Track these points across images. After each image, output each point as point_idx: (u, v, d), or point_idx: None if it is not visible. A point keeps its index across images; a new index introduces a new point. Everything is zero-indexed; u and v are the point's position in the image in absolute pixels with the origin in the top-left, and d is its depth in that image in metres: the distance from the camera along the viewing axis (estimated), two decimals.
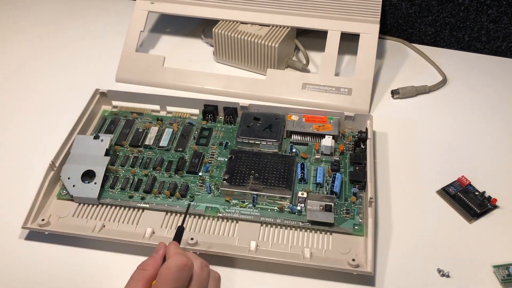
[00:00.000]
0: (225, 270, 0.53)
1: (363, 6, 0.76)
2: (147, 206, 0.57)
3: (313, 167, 0.61)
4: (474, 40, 0.84)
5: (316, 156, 0.63)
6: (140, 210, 0.58)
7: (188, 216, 0.56)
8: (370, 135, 0.63)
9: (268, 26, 0.78)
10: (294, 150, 0.63)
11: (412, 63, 0.82)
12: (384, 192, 0.60)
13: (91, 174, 0.59)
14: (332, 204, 0.56)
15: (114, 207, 0.58)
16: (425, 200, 0.60)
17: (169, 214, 0.57)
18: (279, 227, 0.56)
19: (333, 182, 0.58)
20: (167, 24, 0.92)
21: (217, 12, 0.79)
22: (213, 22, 0.79)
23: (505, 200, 0.59)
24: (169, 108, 0.71)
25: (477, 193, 0.59)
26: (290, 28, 0.77)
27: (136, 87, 0.77)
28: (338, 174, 0.59)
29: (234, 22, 0.78)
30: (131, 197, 0.58)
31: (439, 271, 0.52)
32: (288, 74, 0.76)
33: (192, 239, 0.53)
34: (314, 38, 0.83)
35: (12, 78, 0.80)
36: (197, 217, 0.57)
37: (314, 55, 0.82)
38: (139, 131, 0.67)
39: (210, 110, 0.68)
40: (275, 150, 0.63)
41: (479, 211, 0.57)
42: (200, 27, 0.89)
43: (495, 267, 0.52)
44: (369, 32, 0.74)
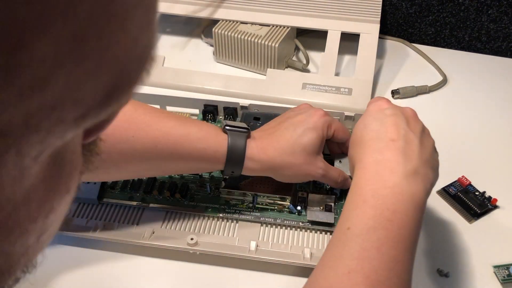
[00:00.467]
0: (225, 270, 0.53)
1: (363, 6, 0.76)
2: (147, 206, 0.57)
3: None
4: (475, 40, 0.84)
5: None
6: (140, 210, 0.58)
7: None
8: None
9: (268, 26, 0.77)
10: None
11: (412, 63, 0.82)
12: None
13: None
14: (332, 204, 0.56)
15: (114, 207, 0.58)
16: None
17: (169, 214, 0.57)
18: (279, 227, 0.56)
19: None
20: (167, 24, 0.92)
21: (217, 12, 0.79)
22: (213, 22, 0.79)
23: (505, 200, 0.59)
24: (169, 108, 0.71)
25: (477, 193, 0.59)
26: (290, 28, 0.77)
27: None
28: None
29: (234, 22, 0.78)
30: (131, 197, 0.58)
31: (439, 271, 0.52)
32: (288, 74, 0.76)
33: (192, 239, 0.53)
34: (314, 38, 0.83)
35: None
36: (197, 217, 0.57)
37: (314, 55, 0.82)
38: None
39: (210, 110, 0.68)
40: None
41: (479, 211, 0.57)
42: (200, 27, 0.89)
43: (495, 267, 0.52)
44: (369, 32, 0.74)
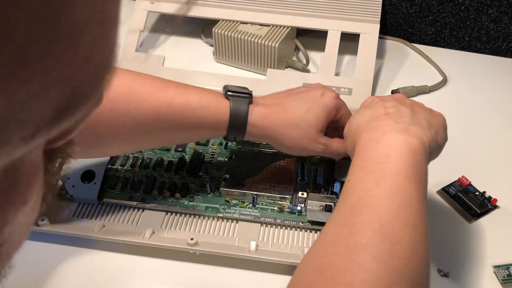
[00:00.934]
0: (225, 270, 0.53)
1: (363, 6, 0.76)
2: (147, 206, 0.57)
3: (313, 167, 0.61)
4: (474, 40, 0.84)
5: (316, 156, 0.63)
6: (140, 210, 0.58)
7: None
8: None
9: (268, 26, 0.77)
10: None
11: (412, 63, 0.82)
12: None
13: (91, 174, 0.59)
14: (332, 204, 0.56)
15: (114, 207, 0.58)
16: None
17: (169, 214, 0.57)
18: (279, 227, 0.56)
19: (333, 182, 0.58)
20: (167, 24, 0.91)
21: (217, 12, 0.79)
22: (213, 22, 0.79)
23: (505, 200, 0.59)
24: None
25: (477, 193, 0.59)
26: (290, 28, 0.77)
27: None
28: None
29: (234, 22, 0.78)
30: (131, 197, 0.58)
31: (439, 271, 0.52)
32: (288, 74, 0.76)
33: (192, 239, 0.53)
34: (314, 38, 0.83)
35: None
36: (197, 217, 0.57)
37: (314, 55, 0.82)
38: None
39: None
40: (275, 150, 0.63)
41: (479, 211, 0.57)
42: (200, 27, 0.89)
43: (495, 267, 0.52)
44: (369, 32, 0.74)
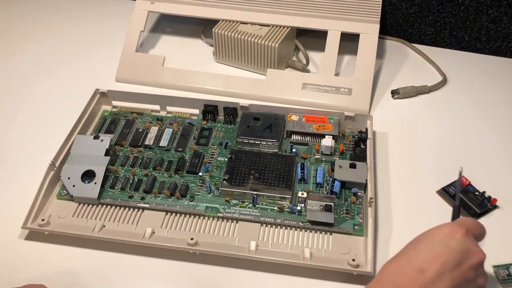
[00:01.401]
0: (225, 270, 0.53)
1: (363, 6, 0.76)
2: (147, 206, 0.57)
3: (313, 167, 0.61)
4: (474, 40, 0.84)
5: (316, 156, 0.63)
6: (140, 210, 0.58)
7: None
8: (370, 135, 0.63)
9: (268, 26, 0.77)
10: (294, 150, 0.63)
11: (412, 63, 0.82)
12: (384, 192, 0.60)
13: (91, 174, 0.59)
14: (332, 204, 0.56)
15: (114, 207, 0.58)
16: (425, 200, 0.60)
17: (169, 214, 0.57)
18: (279, 227, 0.56)
19: (333, 182, 0.58)
20: (167, 24, 0.92)
21: (217, 12, 0.79)
22: (213, 22, 0.79)
23: (505, 200, 0.59)
24: (169, 108, 0.71)
25: (477, 193, 0.59)
26: (290, 28, 0.77)
27: (136, 87, 0.77)
28: None
29: (234, 22, 0.78)
30: (131, 197, 0.58)
31: None
32: (288, 74, 0.76)
33: (192, 239, 0.53)
34: (314, 38, 0.83)
35: (12, 78, 0.80)
36: (197, 217, 0.57)
37: (314, 55, 0.82)
38: (139, 131, 0.67)
39: (210, 110, 0.68)
40: (275, 150, 0.63)
41: (479, 211, 0.57)
42: (200, 27, 0.89)
43: (495, 267, 0.52)
44: (369, 32, 0.74)
